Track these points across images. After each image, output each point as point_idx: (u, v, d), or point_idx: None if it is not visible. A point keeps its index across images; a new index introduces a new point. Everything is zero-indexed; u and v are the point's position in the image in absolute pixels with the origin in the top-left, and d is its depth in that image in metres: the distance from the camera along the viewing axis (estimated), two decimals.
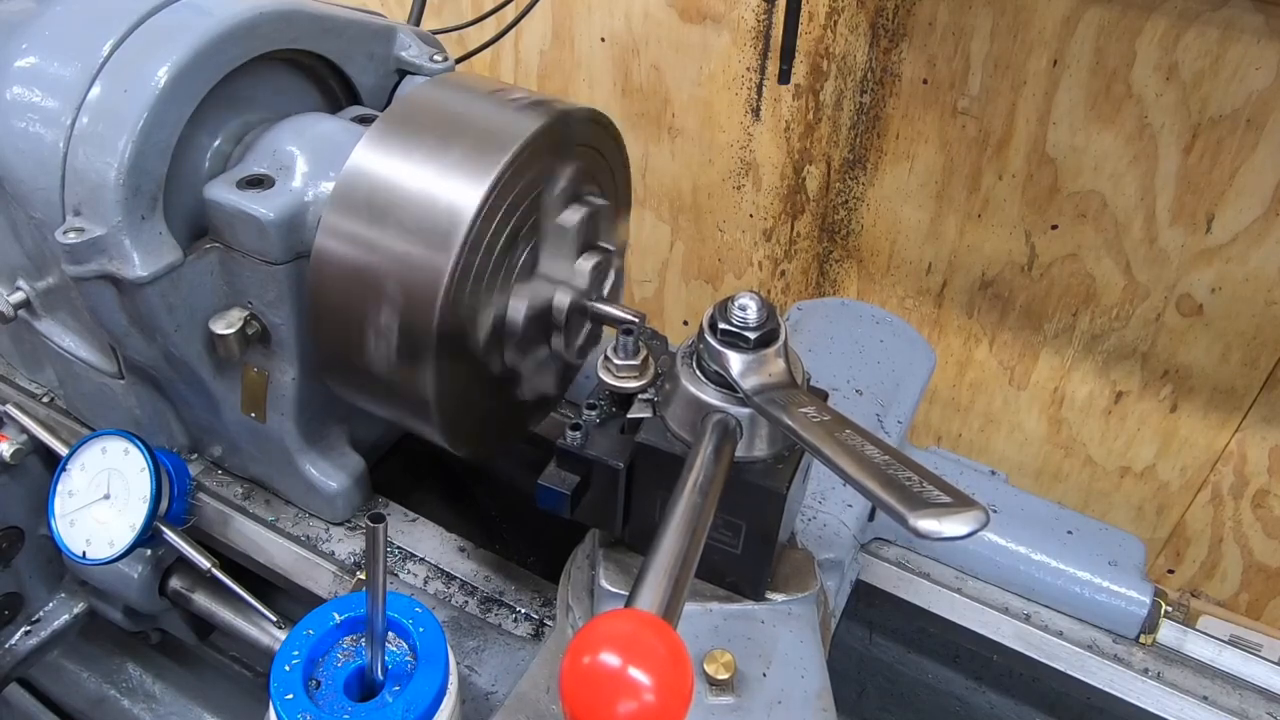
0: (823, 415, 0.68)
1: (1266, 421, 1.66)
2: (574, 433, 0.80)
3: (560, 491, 0.79)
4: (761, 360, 0.73)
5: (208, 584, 1.16)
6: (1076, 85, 1.52)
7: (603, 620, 0.53)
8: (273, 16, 0.92)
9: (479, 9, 1.79)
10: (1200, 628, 1.04)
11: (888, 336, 1.21)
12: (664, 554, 0.61)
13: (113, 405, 1.12)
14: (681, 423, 0.76)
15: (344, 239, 0.84)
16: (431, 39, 1.11)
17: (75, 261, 0.87)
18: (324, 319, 0.87)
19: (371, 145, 0.85)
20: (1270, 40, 1.36)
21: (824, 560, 0.97)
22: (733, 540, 0.80)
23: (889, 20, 1.62)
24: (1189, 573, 1.95)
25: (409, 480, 1.20)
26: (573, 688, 0.50)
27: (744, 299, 0.74)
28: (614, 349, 0.81)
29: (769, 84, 1.80)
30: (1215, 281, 1.58)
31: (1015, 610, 1.06)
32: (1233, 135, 1.45)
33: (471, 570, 1.08)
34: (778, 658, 0.78)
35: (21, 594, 1.30)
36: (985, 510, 0.56)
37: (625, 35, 1.89)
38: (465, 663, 0.97)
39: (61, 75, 0.89)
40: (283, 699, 0.76)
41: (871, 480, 0.61)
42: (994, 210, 1.70)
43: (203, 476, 1.16)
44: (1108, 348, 1.73)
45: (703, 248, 2.10)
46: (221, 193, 0.90)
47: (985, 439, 1.99)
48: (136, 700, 1.40)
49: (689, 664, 0.52)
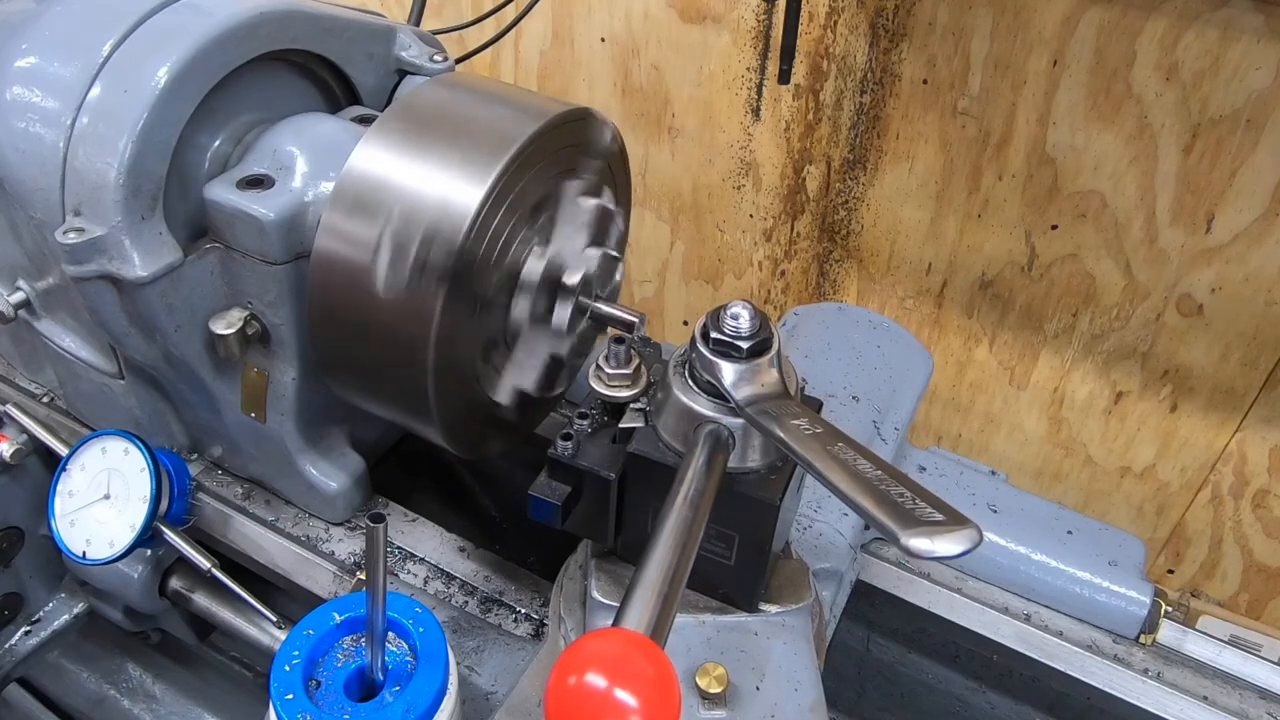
0: (815, 428, 0.67)
1: (1266, 421, 1.66)
2: (565, 442, 0.79)
3: (551, 502, 0.78)
4: (754, 370, 0.72)
5: (208, 584, 1.16)
6: (1076, 85, 1.52)
7: (589, 640, 0.52)
8: (273, 17, 0.92)
9: (479, 9, 1.79)
10: (1200, 628, 1.04)
11: (885, 342, 1.21)
12: (652, 570, 0.60)
13: (113, 405, 1.12)
14: (674, 433, 0.76)
15: (344, 239, 0.84)
16: (431, 39, 1.11)
17: (75, 261, 0.87)
18: (324, 319, 0.87)
19: (371, 145, 0.85)
20: (1270, 40, 1.36)
21: (819, 570, 0.97)
22: (725, 551, 0.79)
23: (889, 20, 1.62)
24: (1189, 573, 1.95)
25: (409, 480, 1.20)
26: (558, 709, 0.50)
27: (736, 308, 0.73)
28: (605, 357, 0.80)
29: (769, 84, 1.80)
30: (1215, 281, 1.58)
31: (1015, 610, 1.06)
32: (1233, 135, 1.45)
33: (471, 570, 1.08)
34: (771, 670, 0.77)
35: (21, 594, 1.30)
36: (978, 529, 0.56)
37: (625, 35, 1.89)
38: (465, 663, 0.97)
39: (61, 75, 0.89)
40: (283, 699, 0.76)
41: (863, 496, 0.60)
42: (994, 210, 1.70)
43: (203, 476, 1.16)
44: (1108, 348, 1.73)
45: (703, 248, 2.10)
46: (221, 193, 0.90)
47: (985, 439, 1.99)
48: (136, 700, 1.40)
49: (676, 685, 0.51)
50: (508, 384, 0.96)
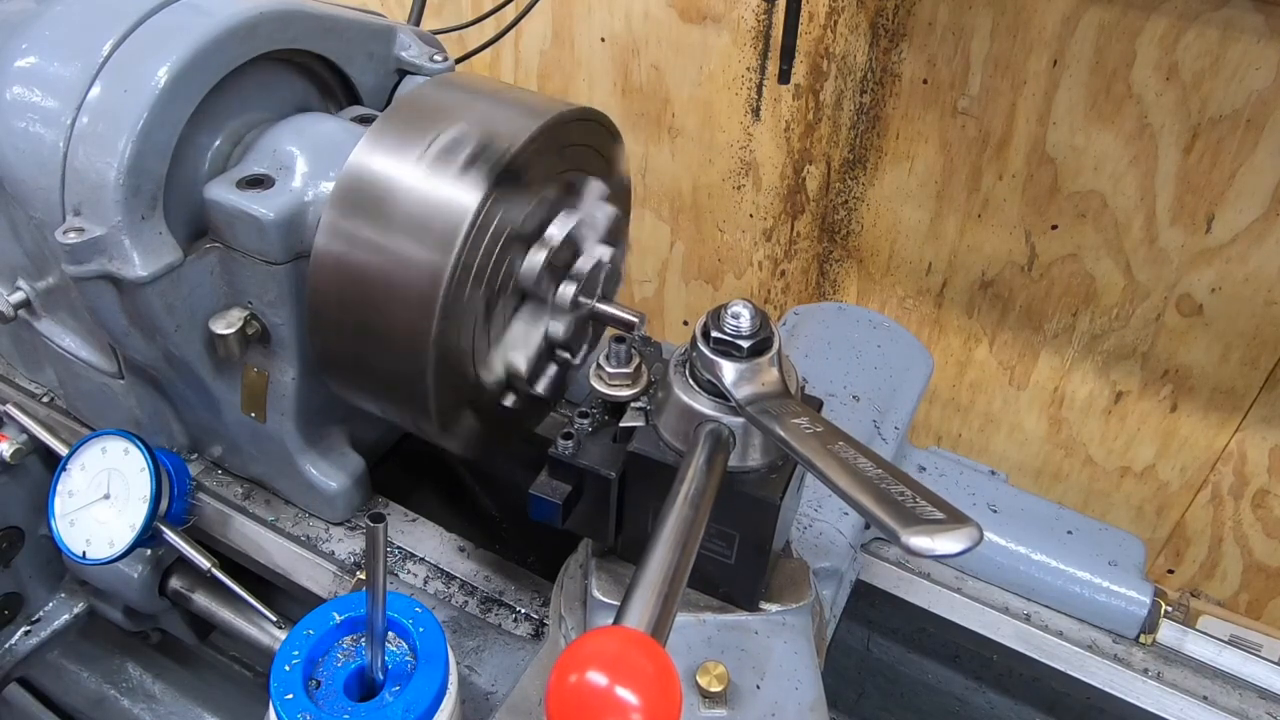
0: (816, 426, 0.67)
1: (1266, 421, 1.66)
2: (565, 441, 0.79)
3: (552, 501, 0.78)
4: (755, 369, 0.72)
5: (208, 584, 1.16)
6: (1076, 85, 1.52)
7: (590, 638, 0.52)
8: (272, 17, 0.92)
9: (479, 9, 1.79)
10: (1200, 628, 1.04)
11: (885, 341, 1.21)
12: (653, 569, 0.60)
13: (113, 405, 1.12)
14: (674, 432, 0.76)
15: (344, 239, 0.84)
16: (431, 39, 1.11)
17: (75, 261, 0.87)
18: (324, 319, 0.87)
19: (371, 145, 0.85)
20: (1270, 40, 1.36)
21: (820, 569, 0.97)
22: (726, 550, 0.79)
23: (889, 20, 1.62)
24: (1189, 573, 1.95)
25: (409, 480, 1.20)
26: (559, 707, 0.50)
27: (737, 307, 0.73)
28: (606, 356, 0.80)
29: (769, 84, 1.80)
30: (1215, 281, 1.58)
31: (1015, 610, 1.06)
32: (1233, 135, 1.45)
33: (471, 570, 1.08)
34: (771, 669, 0.77)
35: (21, 594, 1.30)
36: (978, 527, 0.56)
37: (625, 35, 1.89)
38: (465, 663, 0.97)
39: (61, 75, 0.89)
40: (283, 699, 0.76)
41: (864, 495, 0.60)
42: (994, 210, 1.70)
43: (203, 476, 1.16)
44: (1108, 348, 1.73)
45: (703, 248, 2.10)
46: (221, 193, 0.90)
47: (985, 439, 1.99)
48: (136, 700, 1.40)
49: (677, 683, 0.51)
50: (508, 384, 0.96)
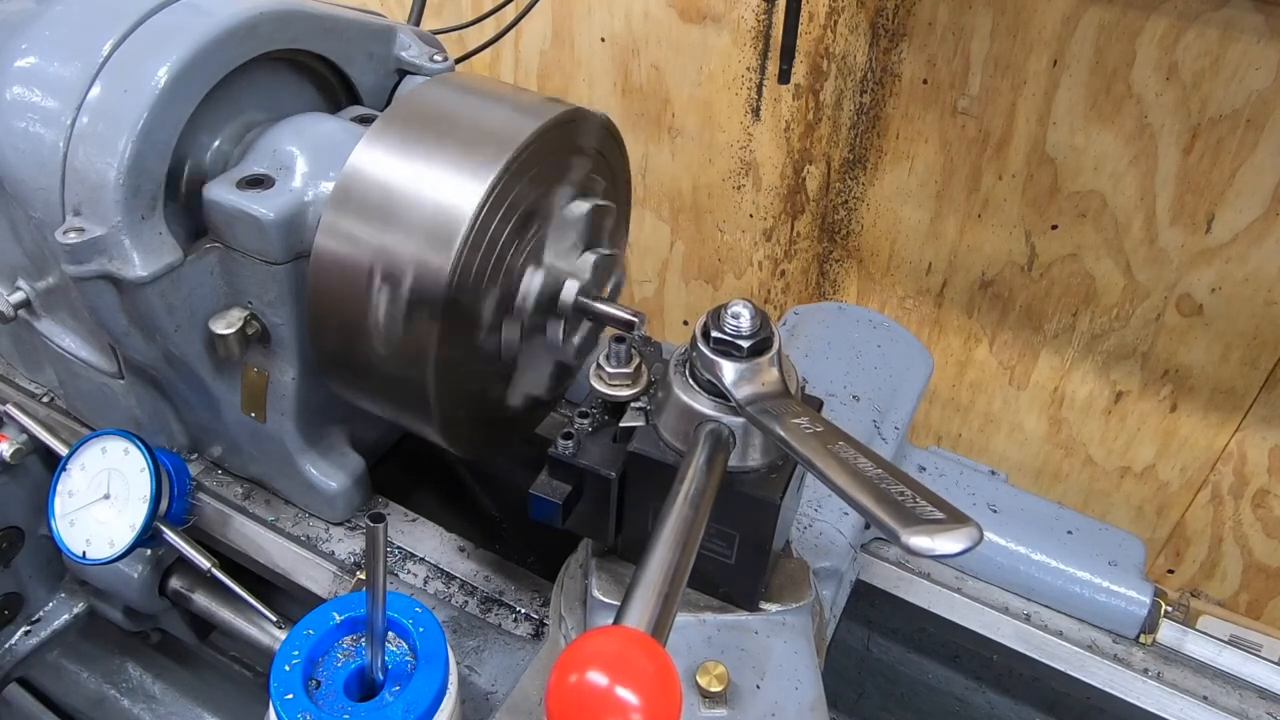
0: (816, 426, 0.67)
1: (1266, 421, 1.66)
2: (565, 441, 0.79)
3: (552, 501, 0.78)
4: (755, 369, 0.72)
5: (208, 584, 1.16)
6: (1076, 85, 1.52)
7: (590, 638, 0.52)
8: (272, 17, 0.92)
9: (479, 9, 1.79)
10: (1200, 628, 1.04)
11: (885, 341, 1.21)
12: (653, 569, 0.60)
13: (113, 405, 1.12)
14: (674, 432, 0.76)
15: (344, 239, 0.84)
16: (431, 39, 1.11)
17: (75, 261, 0.87)
18: (324, 319, 0.87)
19: (371, 145, 0.85)
20: (1270, 40, 1.36)
21: (820, 569, 0.97)
22: (726, 550, 0.79)
23: (889, 20, 1.62)
24: (1189, 573, 1.95)
25: (409, 480, 1.20)
26: (559, 707, 0.50)
27: (737, 307, 0.73)
28: (606, 356, 0.80)
29: (769, 84, 1.80)
30: (1215, 281, 1.58)
31: (1015, 610, 1.06)
32: (1233, 135, 1.45)
33: (471, 570, 1.08)
34: (771, 669, 0.77)
35: (21, 594, 1.30)
36: (978, 527, 0.56)
37: (625, 35, 1.89)
38: (465, 663, 0.97)
39: (61, 75, 0.89)
40: (283, 699, 0.76)
41: (864, 495, 0.60)
42: (994, 210, 1.70)
43: (203, 476, 1.16)
44: (1108, 348, 1.73)
45: (703, 248, 2.10)
46: (221, 193, 0.90)
47: (985, 439, 1.99)
48: (136, 700, 1.40)
49: (678, 683, 0.51)
50: (508, 384, 0.96)
